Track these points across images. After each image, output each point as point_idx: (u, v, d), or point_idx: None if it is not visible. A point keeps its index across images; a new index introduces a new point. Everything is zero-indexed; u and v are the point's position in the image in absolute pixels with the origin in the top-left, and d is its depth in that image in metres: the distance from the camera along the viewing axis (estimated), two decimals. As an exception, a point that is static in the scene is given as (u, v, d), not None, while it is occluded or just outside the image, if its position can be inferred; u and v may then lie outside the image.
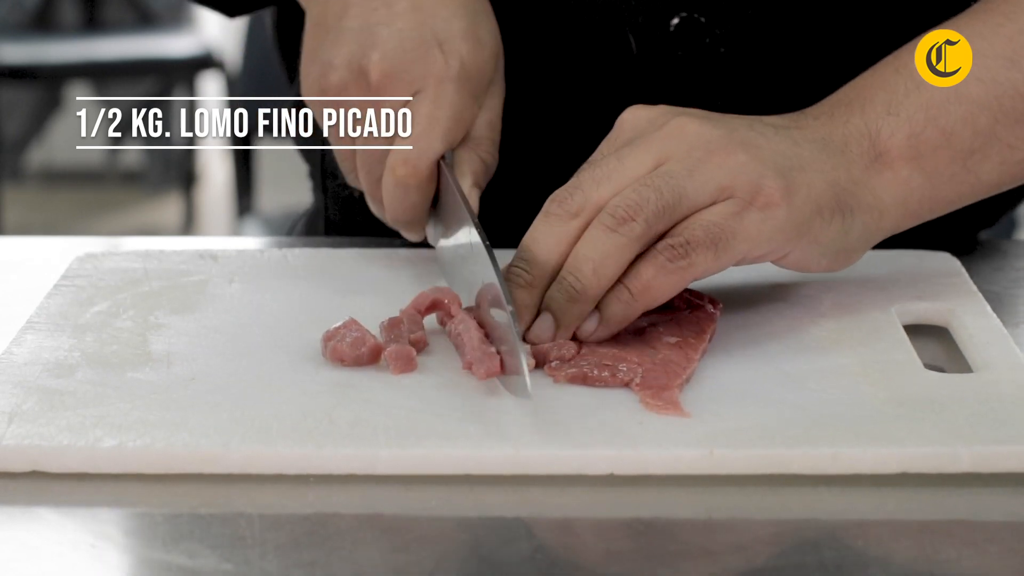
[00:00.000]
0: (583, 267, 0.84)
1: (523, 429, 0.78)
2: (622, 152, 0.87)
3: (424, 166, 0.93)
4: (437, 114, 0.93)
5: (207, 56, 3.81)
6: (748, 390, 0.82)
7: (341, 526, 0.73)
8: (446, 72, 0.93)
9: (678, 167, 0.85)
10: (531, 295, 0.85)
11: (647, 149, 0.86)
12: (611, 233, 0.84)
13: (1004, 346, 0.87)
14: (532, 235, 0.86)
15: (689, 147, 0.86)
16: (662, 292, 0.85)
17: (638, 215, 0.84)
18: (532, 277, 0.85)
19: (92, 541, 0.72)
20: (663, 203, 0.84)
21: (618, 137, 0.89)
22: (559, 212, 0.85)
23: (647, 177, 0.85)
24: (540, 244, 0.86)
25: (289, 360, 0.86)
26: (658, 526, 0.74)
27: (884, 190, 0.89)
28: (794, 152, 0.87)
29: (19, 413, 0.79)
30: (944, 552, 0.72)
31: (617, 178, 0.85)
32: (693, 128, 0.86)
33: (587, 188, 0.86)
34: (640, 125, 0.88)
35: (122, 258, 1.00)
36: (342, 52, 0.94)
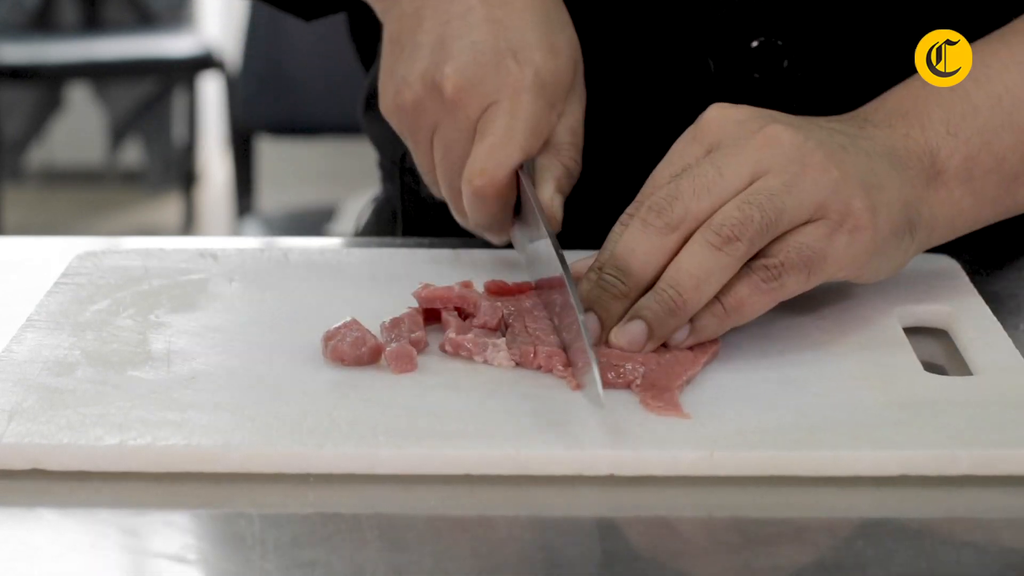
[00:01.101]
0: (686, 282, 0.84)
1: (523, 429, 0.78)
2: (718, 160, 0.86)
3: (500, 176, 0.92)
4: (513, 124, 0.92)
5: (207, 56, 3.81)
6: (748, 392, 0.82)
7: (341, 526, 0.73)
8: (521, 82, 0.93)
9: (776, 182, 0.85)
10: (623, 306, 0.85)
11: (744, 160, 0.86)
12: (716, 251, 0.84)
13: (1004, 349, 0.87)
14: (628, 244, 0.86)
15: (786, 160, 0.86)
16: (753, 310, 0.86)
17: (743, 235, 0.84)
18: (627, 288, 0.85)
19: (92, 541, 0.72)
20: (765, 222, 0.85)
21: (704, 137, 0.88)
22: (658, 224, 0.85)
23: (749, 193, 0.85)
24: (637, 255, 0.85)
25: (289, 359, 0.86)
26: (658, 526, 0.74)
27: (938, 208, 0.91)
28: (871, 168, 0.88)
29: (19, 411, 0.79)
30: (944, 552, 0.72)
31: (717, 191, 0.85)
32: (787, 138, 0.87)
33: (687, 199, 0.85)
34: (728, 128, 0.88)
35: (122, 256, 1.00)
36: (416, 68, 0.94)
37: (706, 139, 0.88)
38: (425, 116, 0.94)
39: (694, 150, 0.88)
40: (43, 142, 4.36)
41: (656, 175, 0.89)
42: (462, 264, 1.00)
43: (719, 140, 0.88)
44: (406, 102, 0.94)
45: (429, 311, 0.90)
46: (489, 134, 0.92)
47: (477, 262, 1.00)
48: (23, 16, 4.12)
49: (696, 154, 0.88)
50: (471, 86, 0.93)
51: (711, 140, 0.88)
